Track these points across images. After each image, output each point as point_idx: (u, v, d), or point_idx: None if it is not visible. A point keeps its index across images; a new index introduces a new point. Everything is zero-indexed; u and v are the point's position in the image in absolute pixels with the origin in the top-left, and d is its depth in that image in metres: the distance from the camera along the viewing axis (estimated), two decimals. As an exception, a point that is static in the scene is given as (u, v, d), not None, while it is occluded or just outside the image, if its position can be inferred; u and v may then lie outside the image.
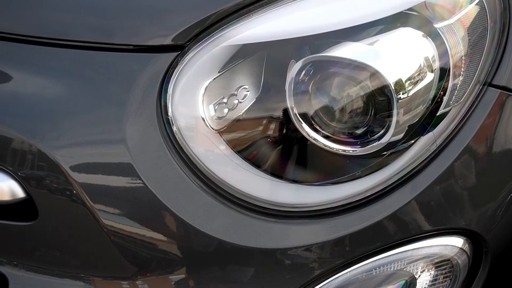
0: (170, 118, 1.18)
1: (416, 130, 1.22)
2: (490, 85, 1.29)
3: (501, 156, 1.31)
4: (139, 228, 1.20)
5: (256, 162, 1.21)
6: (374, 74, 1.17)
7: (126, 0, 1.22)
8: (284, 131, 1.21)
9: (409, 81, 1.19)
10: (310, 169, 1.23)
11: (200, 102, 1.18)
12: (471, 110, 1.28)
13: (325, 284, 1.27)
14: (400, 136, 1.21)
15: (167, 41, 1.18)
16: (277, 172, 1.22)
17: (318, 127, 1.20)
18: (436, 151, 1.25)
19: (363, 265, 1.29)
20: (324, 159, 1.23)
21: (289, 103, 1.19)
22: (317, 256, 1.23)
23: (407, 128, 1.21)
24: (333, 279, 1.28)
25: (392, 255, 1.30)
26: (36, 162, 1.17)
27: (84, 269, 1.28)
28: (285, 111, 1.20)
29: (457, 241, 1.34)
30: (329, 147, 1.21)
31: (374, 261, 1.29)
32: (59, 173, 1.16)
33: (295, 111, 1.20)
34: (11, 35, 1.22)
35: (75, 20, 1.21)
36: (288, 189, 1.22)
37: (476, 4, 1.27)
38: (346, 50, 1.18)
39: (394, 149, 1.22)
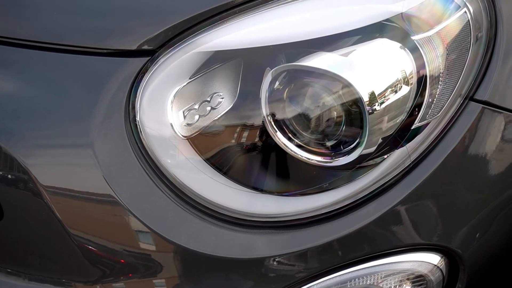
0: (137, 123, 1.17)
1: (389, 144, 1.20)
2: (472, 99, 1.26)
3: (479, 173, 1.28)
4: (106, 234, 1.19)
5: (224, 170, 1.20)
6: (347, 85, 1.15)
7: (99, 4, 1.22)
8: (257, 139, 1.20)
9: (383, 94, 1.16)
10: (281, 179, 1.22)
11: (169, 108, 1.17)
12: (450, 124, 1.24)
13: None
14: (373, 149, 1.19)
15: (139, 46, 1.17)
16: (245, 181, 1.20)
17: (291, 136, 1.19)
18: (411, 165, 1.23)
19: (336, 277, 1.27)
20: (297, 169, 1.22)
21: (264, 111, 1.18)
22: (285, 267, 1.22)
23: (380, 140, 1.19)
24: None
25: (365, 268, 1.28)
26: (3, 165, 1.17)
27: (63, 274, 1.27)
28: (260, 119, 1.19)
29: (433, 258, 1.31)
30: (302, 157, 1.19)
31: (347, 273, 1.27)
32: (26, 175, 1.16)
33: (270, 119, 1.18)
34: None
35: (48, 22, 1.21)
36: (256, 199, 1.20)
37: (459, 17, 1.24)
38: (319, 60, 1.16)
39: (366, 162, 1.20)
